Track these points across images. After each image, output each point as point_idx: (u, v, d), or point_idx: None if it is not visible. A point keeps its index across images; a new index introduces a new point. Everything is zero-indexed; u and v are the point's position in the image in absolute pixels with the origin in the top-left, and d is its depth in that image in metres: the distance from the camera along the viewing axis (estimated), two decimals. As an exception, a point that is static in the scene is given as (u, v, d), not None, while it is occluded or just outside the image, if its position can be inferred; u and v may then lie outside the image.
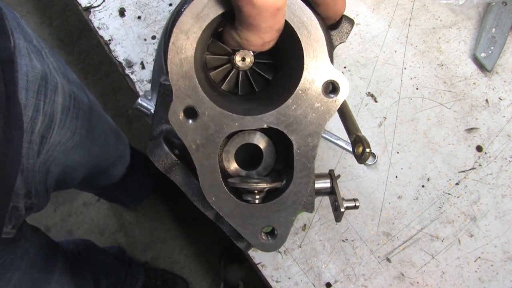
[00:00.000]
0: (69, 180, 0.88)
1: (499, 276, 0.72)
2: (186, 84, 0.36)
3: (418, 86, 0.79)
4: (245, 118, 0.38)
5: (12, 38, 0.60)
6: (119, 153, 1.10)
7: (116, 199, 1.60)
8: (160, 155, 0.41)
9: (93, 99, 0.89)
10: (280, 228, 0.41)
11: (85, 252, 1.15)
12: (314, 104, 0.39)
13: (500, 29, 0.79)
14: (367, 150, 0.39)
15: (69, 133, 0.75)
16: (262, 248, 0.42)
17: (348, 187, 0.75)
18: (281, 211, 0.41)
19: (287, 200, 0.41)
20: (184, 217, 1.74)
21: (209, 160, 0.39)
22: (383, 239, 0.74)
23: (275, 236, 0.41)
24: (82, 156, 0.83)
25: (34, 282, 0.76)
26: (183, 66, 0.36)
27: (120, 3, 0.82)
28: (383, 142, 0.77)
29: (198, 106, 0.37)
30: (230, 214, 0.40)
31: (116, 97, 1.89)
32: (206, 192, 0.39)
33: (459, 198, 0.75)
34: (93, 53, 1.93)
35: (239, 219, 0.41)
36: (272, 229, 0.42)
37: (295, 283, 0.72)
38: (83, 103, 0.80)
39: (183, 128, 0.37)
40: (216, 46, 0.41)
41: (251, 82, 0.44)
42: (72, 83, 0.78)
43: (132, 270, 1.45)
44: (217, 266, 1.60)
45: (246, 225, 0.41)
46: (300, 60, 0.37)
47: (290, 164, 0.41)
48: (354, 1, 0.83)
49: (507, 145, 0.76)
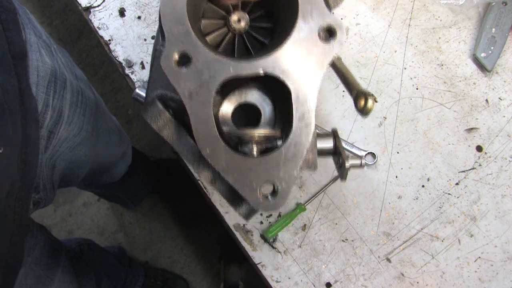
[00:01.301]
0: (73, 177, 0.88)
1: (499, 276, 0.72)
2: (179, 29, 0.35)
3: (418, 86, 0.79)
4: (240, 63, 0.36)
5: (23, 33, 0.60)
6: (122, 151, 1.10)
7: (116, 199, 1.60)
8: (154, 112, 0.40)
9: (98, 97, 0.90)
10: (281, 184, 0.38)
11: (87, 252, 1.15)
12: (311, 49, 0.37)
13: (500, 29, 0.79)
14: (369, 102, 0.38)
15: (76, 129, 0.75)
16: (262, 207, 0.38)
17: (348, 187, 0.75)
18: (282, 165, 0.38)
19: (287, 152, 0.38)
20: (184, 217, 1.74)
21: (203, 108, 0.37)
22: (383, 239, 0.74)
23: (275, 193, 0.38)
24: (87, 153, 0.84)
25: (39, 279, 0.76)
26: (176, 11, 0.34)
27: (120, 3, 0.82)
28: (383, 142, 0.77)
29: (191, 52, 0.35)
30: (227, 169, 0.37)
31: (116, 97, 1.89)
32: (201, 144, 0.37)
33: (459, 198, 0.75)
34: (93, 53, 1.93)
35: (236, 174, 0.38)
36: (273, 187, 0.39)
37: (295, 283, 0.72)
38: (90, 100, 0.80)
39: (176, 74, 0.36)
40: (211, 10, 0.40)
41: (247, 46, 0.43)
42: (80, 79, 0.79)
43: (132, 270, 1.45)
44: (217, 266, 1.60)
45: (244, 181, 0.38)
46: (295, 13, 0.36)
47: (289, 116, 0.39)
48: (354, 1, 0.83)
49: (507, 145, 0.76)
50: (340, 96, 0.79)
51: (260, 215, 0.74)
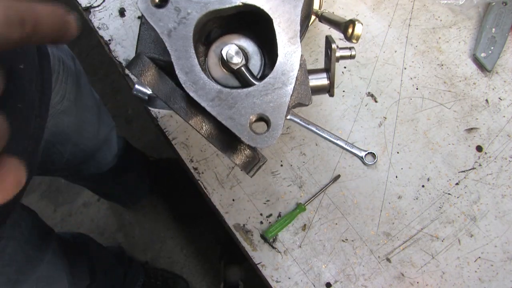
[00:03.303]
0: (56, 156, 0.88)
1: (499, 276, 0.72)
2: None
3: (418, 86, 0.79)
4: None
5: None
6: (103, 136, 1.07)
7: (114, 197, 1.60)
8: (137, 63, 0.40)
9: (80, 69, 0.91)
10: (273, 115, 0.37)
11: (81, 244, 1.14)
12: None
13: (500, 29, 0.79)
14: (357, 26, 0.37)
15: (58, 97, 0.77)
16: (255, 142, 0.36)
17: (348, 187, 0.75)
18: (271, 94, 0.37)
19: (275, 81, 0.37)
20: (184, 217, 1.74)
21: (184, 41, 0.36)
22: (383, 239, 0.74)
23: (268, 125, 0.37)
24: (69, 125, 0.84)
25: (28, 258, 0.77)
26: None
27: (120, 3, 0.82)
28: (383, 142, 0.77)
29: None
30: (213, 104, 0.36)
31: (116, 97, 1.89)
32: (183, 80, 0.36)
33: (459, 198, 0.75)
34: (93, 53, 1.93)
35: (223, 108, 0.36)
36: (264, 119, 0.37)
37: (295, 283, 0.72)
38: (70, 69, 0.81)
39: (153, 14, 0.36)
40: None
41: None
42: (60, 49, 0.80)
43: (132, 270, 1.45)
44: (217, 266, 1.60)
45: (233, 116, 0.36)
46: None
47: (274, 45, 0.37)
48: (354, 1, 0.83)
49: (507, 145, 0.76)
50: (340, 96, 0.79)
51: (260, 215, 0.74)
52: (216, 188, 0.75)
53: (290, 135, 0.77)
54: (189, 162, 0.76)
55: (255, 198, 0.75)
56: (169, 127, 0.77)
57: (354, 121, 0.78)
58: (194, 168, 0.76)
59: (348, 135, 0.77)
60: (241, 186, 0.75)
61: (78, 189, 1.76)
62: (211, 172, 0.76)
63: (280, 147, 0.77)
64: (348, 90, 0.79)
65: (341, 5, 0.83)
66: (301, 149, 0.77)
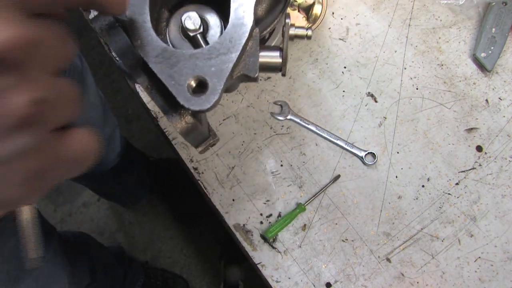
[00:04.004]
0: None
1: (499, 276, 0.72)
2: None
3: (418, 86, 0.79)
4: None
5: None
6: (107, 134, 1.07)
7: (114, 197, 1.60)
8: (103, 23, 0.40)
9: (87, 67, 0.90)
10: (212, 80, 0.36)
11: (83, 245, 1.14)
12: None
13: (500, 29, 0.79)
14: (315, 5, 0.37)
15: None
16: (190, 103, 0.36)
17: (348, 187, 0.75)
18: (214, 59, 0.37)
19: (221, 47, 0.37)
20: (184, 217, 1.74)
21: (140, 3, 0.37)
22: (383, 239, 0.74)
23: (206, 88, 0.36)
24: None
25: None
26: None
27: (120, 3, 0.82)
28: (383, 142, 0.77)
29: None
30: (156, 61, 0.37)
31: (116, 97, 1.89)
32: (134, 35, 0.37)
33: (459, 198, 0.75)
34: (93, 53, 1.93)
35: (165, 66, 0.36)
36: (203, 82, 0.37)
37: (295, 283, 0.72)
38: (77, 67, 0.81)
39: None
40: None
41: None
42: None
43: (132, 269, 1.45)
44: (217, 266, 1.60)
45: (173, 76, 0.36)
46: None
47: None
48: (354, 1, 0.83)
49: (507, 145, 0.76)
50: (340, 96, 0.79)
51: (260, 215, 0.74)
52: (216, 188, 0.75)
53: (290, 135, 0.77)
54: (189, 162, 0.76)
55: (255, 198, 0.75)
56: (169, 127, 0.77)
57: (354, 121, 0.78)
58: (194, 168, 0.76)
59: (348, 135, 0.77)
60: (241, 186, 0.75)
61: (79, 189, 1.76)
62: (211, 172, 0.76)
63: (280, 147, 0.77)
64: (348, 90, 0.79)
65: (341, 5, 0.83)
66: (301, 149, 0.77)
